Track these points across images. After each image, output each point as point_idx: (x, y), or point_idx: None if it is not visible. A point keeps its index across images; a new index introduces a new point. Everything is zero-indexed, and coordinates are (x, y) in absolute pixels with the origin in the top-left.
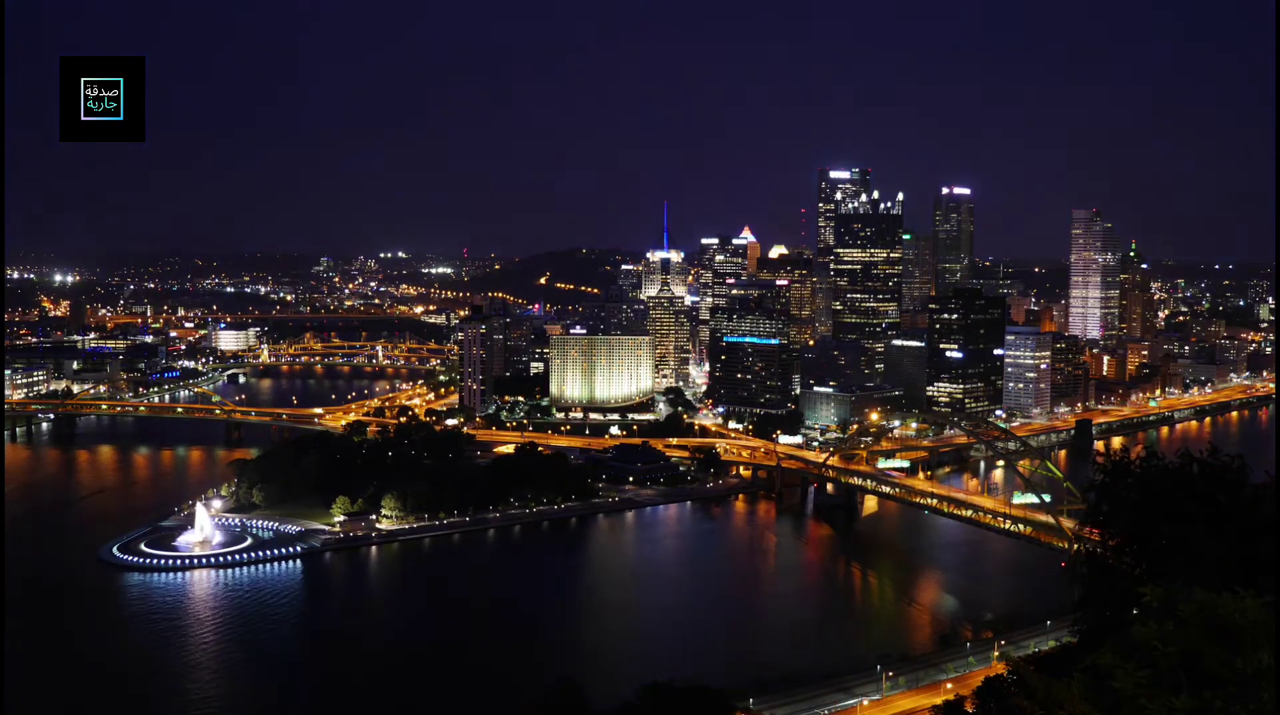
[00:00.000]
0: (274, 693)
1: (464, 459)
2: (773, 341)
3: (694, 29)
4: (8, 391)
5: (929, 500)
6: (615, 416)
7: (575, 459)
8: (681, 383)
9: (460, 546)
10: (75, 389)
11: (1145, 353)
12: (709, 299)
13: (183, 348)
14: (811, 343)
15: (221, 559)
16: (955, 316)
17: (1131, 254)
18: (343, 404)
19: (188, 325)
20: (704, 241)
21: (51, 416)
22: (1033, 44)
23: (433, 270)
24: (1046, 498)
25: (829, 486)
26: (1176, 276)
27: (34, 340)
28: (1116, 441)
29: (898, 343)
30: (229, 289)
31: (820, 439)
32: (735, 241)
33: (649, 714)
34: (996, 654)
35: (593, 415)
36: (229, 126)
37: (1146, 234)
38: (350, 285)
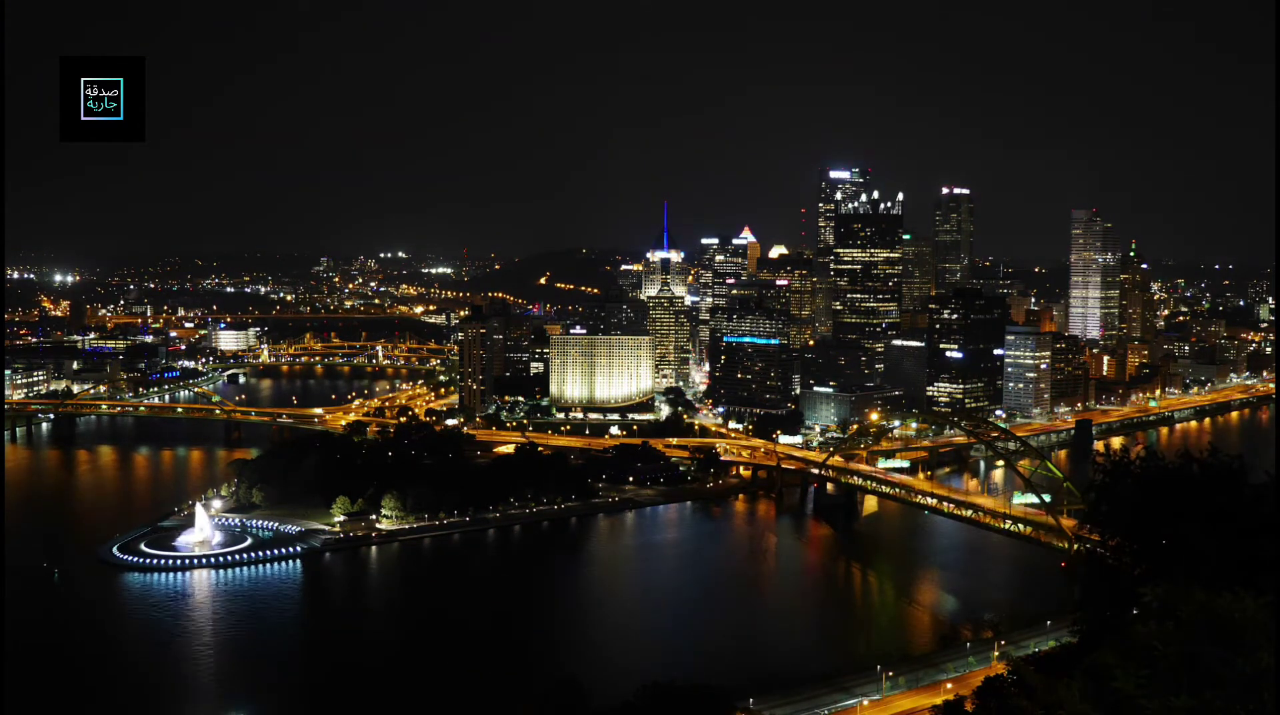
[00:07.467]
0: (274, 692)
1: (464, 459)
2: (773, 341)
3: (694, 29)
4: (8, 391)
5: (929, 500)
6: (615, 416)
7: (575, 459)
8: (681, 383)
9: (460, 546)
10: (75, 389)
11: (1145, 353)
12: (709, 299)
13: (183, 348)
14: (811, 343)
15: (221, 559)
16: (955, 316)
17: (1131, 254)
18: (343, 404)
19: (188, 325)
20: (704, 241)
21: (51, 416)
22: (1033, 44)
23: (433, 270)
24: (1046, 498)
25: (829, 486)
26: (1176, 276)
27: (34, 340)
28: (1116, 441)
29: (898, 343)
30: (229, 289)
31: (820, 439)
32: (735, 241)
33: (649, 714)
34: (996, 654)
35: (593, 415)
36: (229, 126)
37: (1146, 234)
38: (350, 285)
